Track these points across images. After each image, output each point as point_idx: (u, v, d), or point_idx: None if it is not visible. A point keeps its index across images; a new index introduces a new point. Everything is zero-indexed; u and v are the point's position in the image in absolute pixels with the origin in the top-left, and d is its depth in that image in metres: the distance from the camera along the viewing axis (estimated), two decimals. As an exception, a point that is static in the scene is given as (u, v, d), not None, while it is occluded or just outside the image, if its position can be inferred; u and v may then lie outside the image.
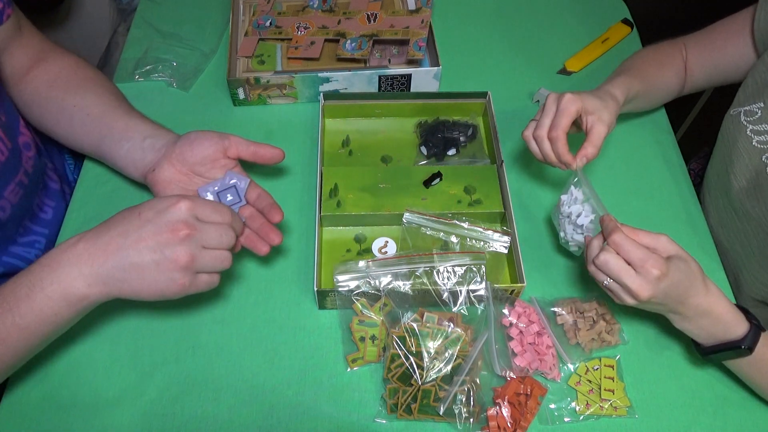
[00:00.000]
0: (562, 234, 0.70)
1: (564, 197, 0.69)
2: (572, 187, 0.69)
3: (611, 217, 0.61)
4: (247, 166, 0.70)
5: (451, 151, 0.84)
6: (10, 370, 0.57)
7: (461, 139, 0.84)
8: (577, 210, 0.68)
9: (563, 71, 0.98)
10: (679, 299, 0.59)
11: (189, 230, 0.54)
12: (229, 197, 0.65)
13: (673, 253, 0.59)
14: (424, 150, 0.84)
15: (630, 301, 0.58)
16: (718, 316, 0.61)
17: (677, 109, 0.97)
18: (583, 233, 0.67)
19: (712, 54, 0.82)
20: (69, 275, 0.53)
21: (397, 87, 0.90)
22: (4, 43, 0.73)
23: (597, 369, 0.68)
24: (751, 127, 0.73)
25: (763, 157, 0.72)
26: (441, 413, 0.63)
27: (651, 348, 0.71)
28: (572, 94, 0.68)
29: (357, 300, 0.68)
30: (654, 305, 0.60)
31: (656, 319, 0.73)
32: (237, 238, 0.60)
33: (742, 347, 0.61)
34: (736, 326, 0.61)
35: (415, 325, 0.65)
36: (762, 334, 0.62)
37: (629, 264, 0.57)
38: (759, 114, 0.73)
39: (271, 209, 0.66)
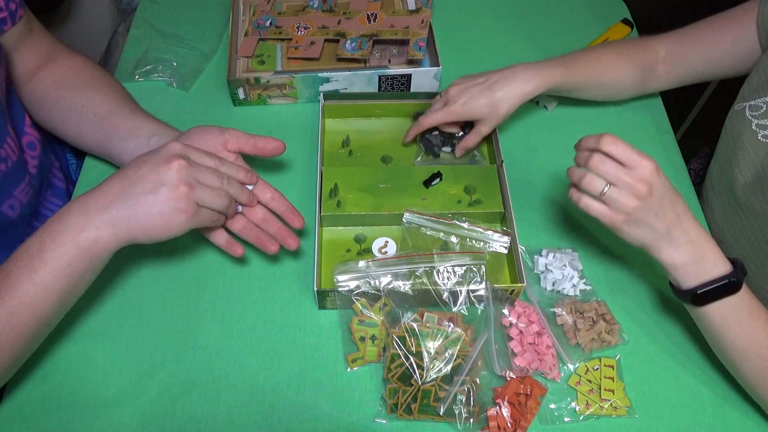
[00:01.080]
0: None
1: (541, 260, 0.75)
2: (555, 252, 0.75)
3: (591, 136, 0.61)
4: (249, 161, 0.70)
5: (447, 149, 0.84)
6: (35, 336, 0.57)
7: (458, 135, 0.85)
8: (558, 275, 0.73)
9: (563, 71, 0.98)
10: (675, 211, 0.59)
11: (184, 161, 0.57)
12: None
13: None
14: (423, 146, 0.84)
15: (630, 202, 0.57)
16: (706, 247, 0.60)
17: (677, 109, 0.97)
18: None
19: (704, 46, 0.81)
20: (77, 222, 0.55)
21: (397, 87, 0.90)
22: (16, 43, 0.73)
23: (597, 369, 0.68)
24: (756, 121, 0.73)
25: None
26: (441, 413, 0.63)
27: (651, 348, 0.71)
28: (462, 102, 0.76)
29: (357, 300, 0.68)
30: (652, 216, 0.58)
31: (656, 319, 0.73)
32: (240, 182, 0.64)
33: (732, 279, 0.59)
34: (723, 261, 0.60)
35: (415, 325, 0.65)
36: (747, 288, 0.61)
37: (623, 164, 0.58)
38: (764, 109, 0.72)
39: (292, 215, 0.68)
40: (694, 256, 0.60)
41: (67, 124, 0.76)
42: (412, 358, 0.64)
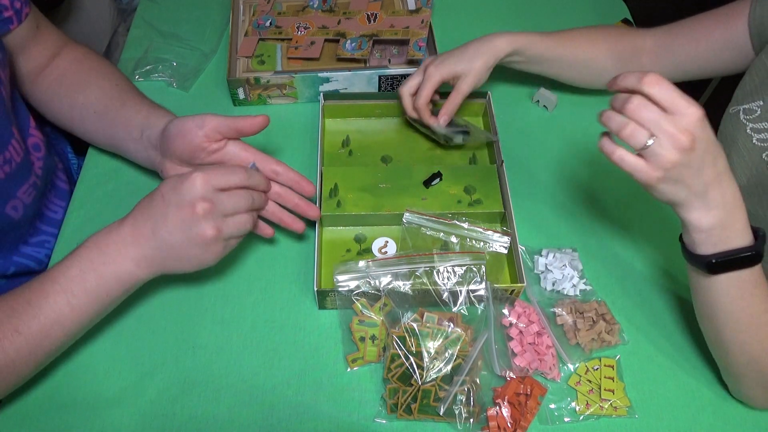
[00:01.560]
0: None
1: (541, 260, 0.76)
2: (554, 252, 0.75)
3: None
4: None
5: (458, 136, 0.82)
6: (58, 351, 0.60)
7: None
8: (558, 275, 0.73)
9: (563, 71, 0.98)
10: (716, 169, 0.53)
11: (208, 204, 0.57)
12: None
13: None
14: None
15: (672, 156, 0.51)
16: (737, 212, 0.56)
17: (677, 109, 0.96)
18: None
19: (691, 43, 0.81)
20: (119, 255, 0.58)
21: (397, 87, 0.90)
22: (23, 42, 0.73)
23: (597, 369, 0.68)
24: (750, 125, 0.73)
25: (764, 155, 0.72)
26: (441, 413, 0.63)
27: (651, 348, 0.71)
28: (437, 63, 0.77)
29: (357, 300, 0.68)
30: (693, 173, 0.52)
31: (656, 319, 0.73)
32: (264, 191, 0.65)
33: (753, 252, 0.55)
34: (747, 230, 0.56)
35: (415, 325, 0.65)
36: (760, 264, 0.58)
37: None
38: (758, 112, 0.72)
39: (301, 182, 0.68)
40: (722, 221, 0.55)
41: (74, 123, 0.78)
42: (412, 358, 0.64)
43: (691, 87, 0.88)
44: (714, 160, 0.53)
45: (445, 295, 0.68)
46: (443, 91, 0.81)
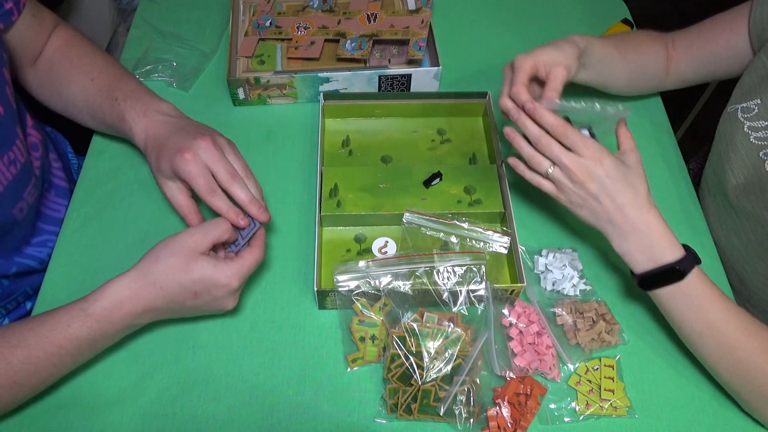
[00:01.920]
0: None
1: (541, 260, 0.75)
2: (554, 252, 0.75)
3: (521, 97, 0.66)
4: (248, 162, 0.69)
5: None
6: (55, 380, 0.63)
7: None
8: (558, 275, 0.73)
9: (563, 71, 0.98)
10: (614, 201, 0.62)
11: (238, 294, 0.65)
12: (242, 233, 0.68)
13: (625, 160, 0.64)
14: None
15: (569, 184, 0.63)
16: (657, 233, 0.63)
17: (677, 109, 0.97)
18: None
19: (701, 48, 0.82)
20: (145, 315, 0.62)
21: (397, 87, 0.90)
22: (22, 33, 0.72)
23: (597, 369, 0.68)
24: (748, 123, 0.73)
25: (761, 153, 0.72)
26: (441, 413, 0.63)
27: (651, 348, 0.71)
28: (523, 53, 0.70)
29: (357, 300, 0.68)
30: (591, 201, 0.63)
31: (656, 319, 0.73)
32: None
33: (676, 268, 0.61)
34: (673, 249, 0.62)
35: (415, 325, 0.65)
36: (702, 274, 0.63)
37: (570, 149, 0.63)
38: (756, 111, 0.73)
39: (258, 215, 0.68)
40: (639, 246, 0.63)
41: (71, 115, 0.79)
42: (412, 358, 0.64)
43: (691, 87, 0.88)
44: (613, 195, 0.62)
45: (445, 295, 0.68)
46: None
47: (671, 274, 0.62)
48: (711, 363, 0.65)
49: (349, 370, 0.68)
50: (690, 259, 0.62)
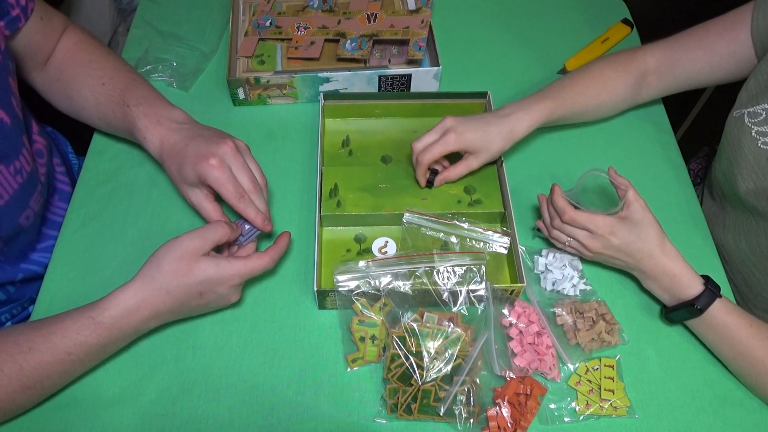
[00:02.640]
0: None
1: (541, 260, 0.76)
2: (554, 252, 0.76)
3: (557, 187, 0.71)
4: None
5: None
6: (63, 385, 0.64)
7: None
8: (558, 275, 0.74)
9: (563, 71, 0.98)
10: (633, 257, 0.69)
11: (241, 288, 0.67)
12: (247, 227, 0.70)
13: (632, 217, 0.68)
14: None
15: (588, 252, 0.71)
16: (675, 276, 0.68)
17: (677, 109, 0.97)
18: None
19: (693, 57, 0.80)
20: (151, 320, 0.63)
21: (397, 87, 0.90)
22: (30, 37, 0.72)
23: (597, 369, 0.68)
24: (756, 128, 0.73)
25: None
26: (441, 413, 0.63)
27: (651, 348, 0.71)
28: (456, 136, 0.73)
29: (357, 300, 0.68)
30: (612, 259, 0.71)
31: (656, 319, 0.73)
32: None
33: (694, 306, 0.66)
34: (692, 287, 0.67)
35: (415, 325, 0.65)
36: (725, 304, 0.67)
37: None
38: (764, 115, 0.72)
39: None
40: (661, 286, 0.70)
41: (81, 118, 0.79)
42: (412, 358, 0.64)
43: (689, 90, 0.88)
44: (630, 253, 0.69)
45: (445, 295, 0.68)
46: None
47: (691, 309, 0.67)
48: (748, 385, 0.69)
49: (349, 370, 0.68)
50: (708, 294, 0.67)
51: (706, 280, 0.68)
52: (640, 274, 0.71)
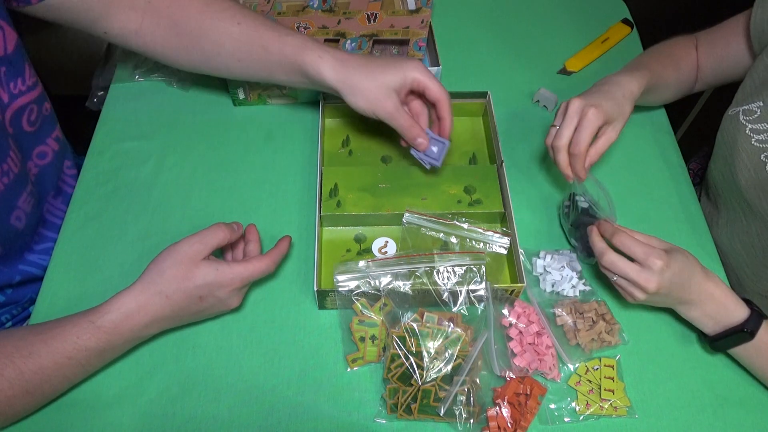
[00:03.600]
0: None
1: (539, 261, 0.76)
2: (553, 254, 0.75)
3: (608, 221, 0.67)
4: (247, 187, 0.69)
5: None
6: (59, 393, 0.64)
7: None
8: (557, 277, 0.74)
9: (563, 71, 0.98)
10: (682, 286, 0.64)
11: (242, 293, 0.68)
12: (435, 149, 0.74)
13: (668, 248, 0.65)
14: (574, 242, 0.76)
15: (639, 295, 0.64)
16: (720, 299, 0.65)
17: (677, 109, 0.97)
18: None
19: (716, 52, 0.83)
20: (152, 327, 0.64)
21: (397, 87, 0.90)
22: (104, 6, 0.70)
23: (597, 369, 0.68)
24: (750, 126, 0.73)
25: (762, 155, 0.72)
26: (441, 414, 0.63)
27: (651, 348, 0.71)
28: (595, 109, 0.69)
29: (357, 300, 0.68)
30: (662, 297, 0.65)
31: (656, 319, 0.73)
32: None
33: (744, 330, 0.64)
34: (738, 310, 0.65)
35: (415, 325, 0.65)
36: (765, 322, 0.65)
37: (634, 261, 0.63)
38: (758, 113, 0.72)
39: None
40: (705, 313, 0.66)
41: (216, 70, 0.76)
42: (412, 358, 0.64)
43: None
44: (681, 285, 0.64)
45: (445, 295, 0.68)
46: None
47: (740, 335, 0.65)
48: None
49: (349, 370, 0.68)
50: (756, 317, 0.65)
51: (746, 301, 0.66)
52: (684, 305, 0.67)
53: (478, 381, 0.65)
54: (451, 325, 0.65)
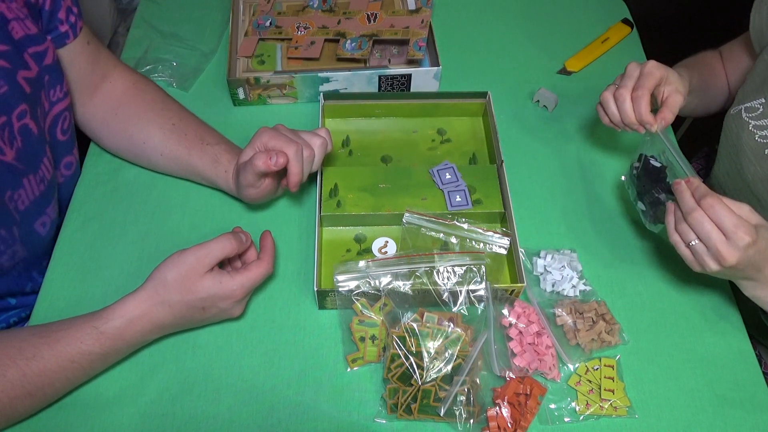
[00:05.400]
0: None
1: (539, 261, 0.75)
2: (553, 254, 0.74)
3: (698, 179, 0.62)
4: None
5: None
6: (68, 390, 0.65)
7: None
8: (557, 276, 0.73)
9: (563, 71, 0.98)
10: (758, 266, 0.60)
11: (245, 303, 0.68)
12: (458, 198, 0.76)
13: (758, 222, 0.60)
14: (642, 206, 0.72)
15: (714, 266, 0.59)
16: None
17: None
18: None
19: (740, 67, 0.84)
20: (153, 331, 0.64)
21: (397, 87, 0.90)
22: (74, 56, 0.74)
23: (597, 369, 0.68)
24: (753, 123, 0.74)
25: (766, 151, 0.72)
26: (441, 414, 0.63)
27: (651, 348, 0.71)
28: (655, 61, 0.70)
29: (357, 300, 0.68)
30: (733, 271, 0.60)
31: (656, 319, 0.73)
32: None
33: None
34: None
35: (415, 325, 0.65)
36: None
37: (720, 229, 0.58)
38: (761, 110, 0.73)
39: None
40: None
41: (139, 159, 0.80)
42: (412, 358, 0.64)
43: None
44: (756, 268, 0.60)
45: (445, 295, 0.68)
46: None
47: None
48: None
49: (349, 370, 0.68)
50: None
51: None
52: (752, 282, 0.63)
53: (478, 381, 0.65)
54: (451, 325, 0.65)
